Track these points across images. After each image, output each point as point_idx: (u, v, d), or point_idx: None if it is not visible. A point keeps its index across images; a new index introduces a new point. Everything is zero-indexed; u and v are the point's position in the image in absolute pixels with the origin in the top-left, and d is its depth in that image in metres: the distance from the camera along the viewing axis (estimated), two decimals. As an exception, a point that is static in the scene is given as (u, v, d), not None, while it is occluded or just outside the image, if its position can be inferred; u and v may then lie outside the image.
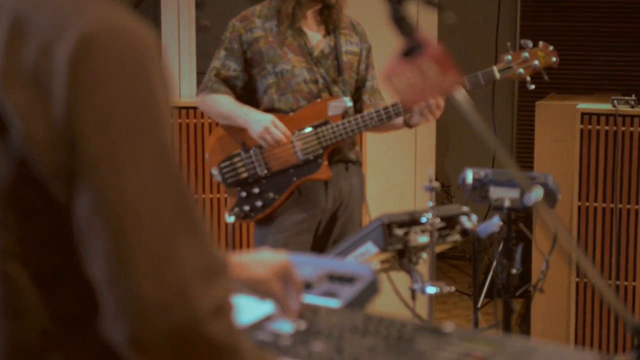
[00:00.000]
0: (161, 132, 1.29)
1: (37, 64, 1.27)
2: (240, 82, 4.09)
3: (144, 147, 1.27)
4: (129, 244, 1.25)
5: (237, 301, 2.04)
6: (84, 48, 1.26)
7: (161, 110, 1.29)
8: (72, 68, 1.26)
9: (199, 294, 1.27)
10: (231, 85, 4.09)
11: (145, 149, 1.27)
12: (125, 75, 1.26)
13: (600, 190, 5.05)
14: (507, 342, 1.72)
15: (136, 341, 1.25)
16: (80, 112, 1.26)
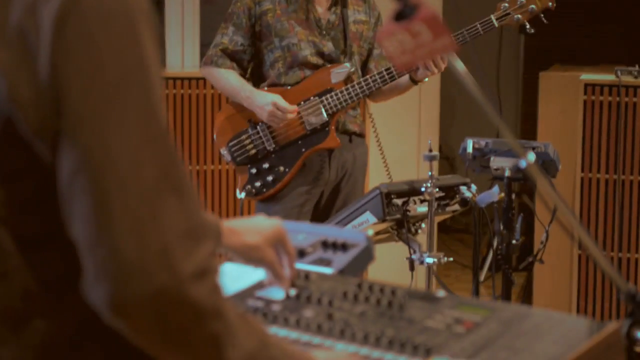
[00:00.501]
0: (148, 92, 1.27)
1: (23, 24, 1.26)
2: (247, 56, 4.08)
3: (129, 108, 1.26)
4: (110, 205, 1.24)
5: (228, 268, 2.04)
6: (69, 6, 1.24)
7: (149, 71, 1.27)
8: (57, 27, 1.24)
9: (182, 256, 1.25)
10: (238, 60, 4.07)
11: (131, 109, 1.26)
12: (113, 35, 1.25)
13: (603, 162, 5.03)
14: (498, 308, 1.71)
15: (116, 304, 1.23)
16: (65, 72, 1.24)
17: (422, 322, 1.71)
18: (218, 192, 5.21)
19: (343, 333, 1.72)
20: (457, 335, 1.66)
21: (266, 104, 3.93)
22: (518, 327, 1.65)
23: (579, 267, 5.07)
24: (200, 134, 5.17)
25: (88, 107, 1.24)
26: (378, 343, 1.67)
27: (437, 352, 1.62)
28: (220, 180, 5.20)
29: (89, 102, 1.25)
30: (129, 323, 1.25)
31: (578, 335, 1.60)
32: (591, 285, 5.07)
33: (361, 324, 1.74)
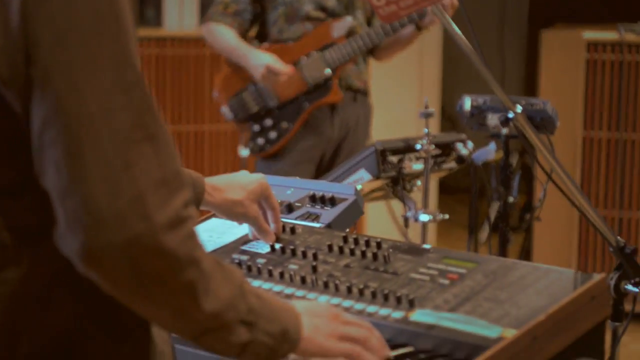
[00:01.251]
0: (121, 40, 1.24)
1: None
2: (248, 15, 4.04)
3: (102, 56, 1.23)
4: (83, 153, 1.22)
5: (213, 223, 2.02)
6: None
7: (122, 20, 1.25)
8: None
9: (156, 205, 1.23)
10: (238, 18, 4.03)
11: (104, 57, 1.23)
12: None
13: (605, 120, 4.99)
14: (483, 260, 1.69)
15: (89, 253, 1.22)
16: (37, 19, 1.22)
17: (406, 275, 1.70)
18: (217, 152, 5.20)
19: (327, 285, 1.71)
20: (441, 287, 1.64)
21: (260, 65, 3.90)
22: (502, 279, 1.63)
23: (580, 226, 5.05)
24: (198, 94, 5.14)
25: (60, 55, 1.22)
26: (361, 295, 1.66)
27: (420, 304, 1.61)
28: (219, 140, 5.18)
29: (61, 50, 1.22)
30: (102, 272, 1.24)
31: (562, 286, 1.58)
32: (592, 244, 5.05)
33: (345, 277, 1.72)
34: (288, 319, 1.41)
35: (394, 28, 3.86)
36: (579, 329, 1.55)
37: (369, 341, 1.48)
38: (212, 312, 1.30)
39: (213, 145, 5.20)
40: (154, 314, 1.31)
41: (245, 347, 1.36)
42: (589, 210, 1.71)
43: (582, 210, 1.70)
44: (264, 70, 3.88)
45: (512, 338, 1.47)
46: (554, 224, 5.10)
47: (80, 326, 1.32)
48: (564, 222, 5.10)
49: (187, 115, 5.15)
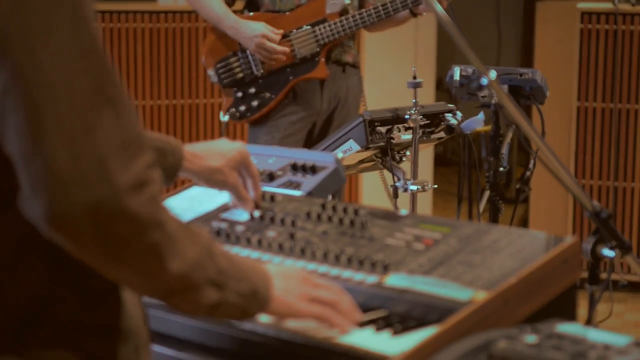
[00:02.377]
0: (78, 6, 1.25)
1: None
2: None
3: (59, 21, 1.24)
4: (43, 118, 1.23)
5: (194, 191, 2.03)
6: None
7: None
8: None
9: (118, 168, 1.24)
10: None
11: (61, 23, 1.24)
12: None
13: (600, 91, 4.99)
14: (459, 225, 1.70)
15: (53, 217, 1.23)
16: None
17: (382, 240, 1.71)
18: (211, 126, 5.20)
19: (304, 252, 1.72)
20: (416, 252, 1.65)
21: (255, 35, 3.89)
22: (477, 243, 1.64)
23: (575, 201, 5.05)
24: (192, 68, 5.14)
25: (17, 21, 1.23)
26: (337, 261, 1.67)
27: (394, 268, 1.62)
28: (212, 113, 5.18)
29: (18, 17, 1.23)
30: (66, 236, 1.25)
31: (535, 250, 1.59)
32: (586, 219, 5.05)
33: (322, 243, 1.74)
34: (258, 279, 1.42)
35: (386, 12, 3.85)
36: (551, 292, 1.56)
37: (340, 304, 1.49)
38: (179, 273, 1.32)
39: (207, 119, 5.20)
40: (121, 276, 1.32)
41: (215, 308, 1.37)
42: (564, 176, 1.72)
43: (557, 175, 1.71)
44: (260, 40, 3.87)
45: (483, 300, 1.48)
46: (549, 194, 5.11)
47: (50, 291, 1.33)
48: (559, 192, 5.10)
49: (182, 90, 5.15)
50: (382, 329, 1.49)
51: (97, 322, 1.36)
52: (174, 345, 1.62)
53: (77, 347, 1.35)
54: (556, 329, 1.49)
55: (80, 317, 1.35)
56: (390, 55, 5.60)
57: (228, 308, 1.39)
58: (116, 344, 1.37)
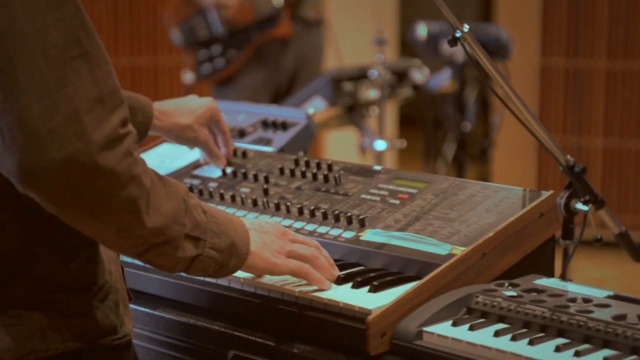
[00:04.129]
0: None
1: None
2: None
3: None
4: (16, 71, 1.20)
5: (165, 148, 2.00)
6: None
7: None
8: None
9: (92, 123, 1.22)
10: None
11: None
12: None
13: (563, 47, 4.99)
14: (434, 180, 1.69)
15: (26, 171, 1.20)
16: None
17: (357, 196, 1.69)
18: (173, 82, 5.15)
19: (278, 208, 1.70)
20: (392, 207, 1.64)
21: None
22: (453, 198, 1.63)
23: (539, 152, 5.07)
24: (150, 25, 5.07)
25: None
26: (312, 216, 1.66)
27: (370, 224, 1.61)
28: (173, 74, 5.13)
29: None
30: (40, 191, 1.23)
31: (511, 204, 1.58)
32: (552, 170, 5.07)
33: (296, 199, 1.72)
34: (235, 233, 1.41)
35: None
36: (528, 246, 1.56)
37: (317, 259, 1.48)
38: (155, 227, 1.30)
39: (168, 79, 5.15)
40: (97, 232, 1.30)
41: (191, 262, 1.36)
42: (538, 130, 1.71)
43: (531, 129, 1.70)
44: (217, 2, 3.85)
45: (461, 254, 1.48)
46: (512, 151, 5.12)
47: (26, 246, 1.31)
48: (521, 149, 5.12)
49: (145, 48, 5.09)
50: (360, 284, 1.48)
51: (73, 278, 1.34)
52: (149, 303, 1.61)
53: (55, 303, 1.32)
54: (534, 283, 1.49)
55: (56, 273, 1.33)
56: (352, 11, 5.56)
57: (205, 262, 1.37)
58: (94, 300, 1.35)
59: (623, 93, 4.95)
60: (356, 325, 1.40)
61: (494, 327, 1.37)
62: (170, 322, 1.57)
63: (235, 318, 1.53)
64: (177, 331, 1.57)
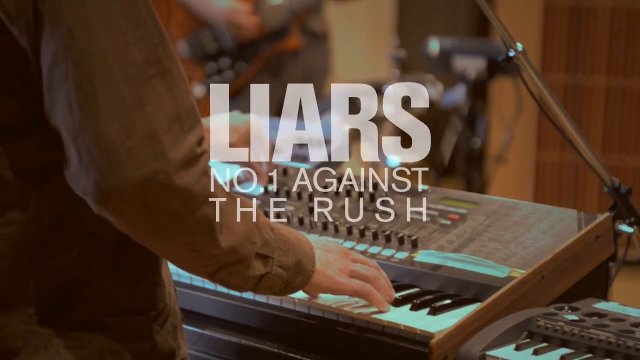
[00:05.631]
0: None
1: None
2: None
3: None
4: (95, 89, 1.17)
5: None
6: None
7: None
8: None
9: (170, 142, 1.20)
10: None
11: None
12: None
13: (563, 63, 5.00)
14: (483, 201, 1.68)
15: (104, 192, 1.18)
16: None
17: (406, 215, 1.68)
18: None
19: (326, 227, 1.69)
20: (444, 227, 1.63)
21: (224, 11, 3.84)
22: (505, 220, 1.62)
23: (536, 171, 5.07)
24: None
25: None
26: (362, 236, 1.64)
27: (423, 244, 1.60)
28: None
29: None
30: (117, 212, 1.20)
31: (566, 226, 1.58)
32: (548, 189, 5.08)
33: (344, 218, 1.70)
34: (302, 250, 1.39)
35: None
36: (584, 268, 1.55)
37: (378, 280, 1.46)
38: (229, 247, 1.28)
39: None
40: (170, 251, 1.28)
41: (260, 280, 1.34)
42: (584, 149, 1.70)
43: (577, 148, 1.69)
44: (229, 15, 3.82)
45: (521, 277, 1.46)
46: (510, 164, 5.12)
47: (89, 270, 1.29)
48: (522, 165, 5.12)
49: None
50: (419, 306, 1.46)
51: (135, 302, 1.32)
52: (198, 322, 1.59)
53: (116, 327, 1.30)
54: (594, 307, 1.48)
55: (119, 297, 1.30)
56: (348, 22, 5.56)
57: (272, 280, 1.35)
58: (154, 324, 1.33)
59: (622, 110, 4.96)
60: (417, 349, 1.38)
61: (558, 351, 1.36)
62: (220, 342, 1.55)
63: (288, 339, 1.51)
64: (227, 351, 1.55)
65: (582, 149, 1.74)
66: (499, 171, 5.25)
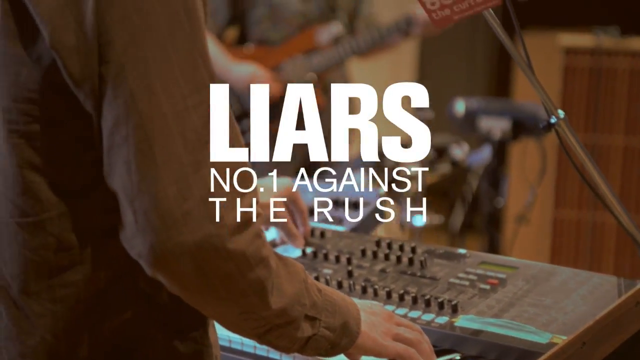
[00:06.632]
0: (194, 39, 1.23)
1: None
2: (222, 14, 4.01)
3: (175, 55, 1.22)
4: (154, 152, 1.20)
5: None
6: None
7: (195, 17, 1.23)
8: None
9: (226, 206, 1.22)
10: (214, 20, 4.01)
11: (177, 56, 1.22)
12: None
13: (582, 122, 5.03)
14: (522, 265, 1.70)
15: (158, 255, 1.20)
16: (110, 17, 1.20)
17: (445, 280, 1.69)
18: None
19: (365, 290, 1.70)
20: (483, 292, 1.64)
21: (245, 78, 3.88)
22: (545, 285, 1.63)
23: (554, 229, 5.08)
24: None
25: (133, 54, 1.20)
26: (402, 300, 1.66)
27: (463, 309, 1.61)
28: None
29: (135, 49, 1.20)
30: (170, 274, 1.22)
31: (606, 292, 1.59)
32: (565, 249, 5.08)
33: (382, 282, 1.72)
34: (348, 312, 1.40)
35: (382, 36, 3.86)
36: (624, 334, 1.55)
37: (422, 344, 1.47)
38: (279, 309, 1.30)
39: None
40: (220, 313, 1.29)
41: (307, 342, 1.35)
42: (621, 213, 1.72)
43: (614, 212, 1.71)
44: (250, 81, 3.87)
45: (563, 344, 1.47)
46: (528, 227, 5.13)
47: (141, 331, 1.30)
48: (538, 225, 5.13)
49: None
50: (461, 371, 1.47)
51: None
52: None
53: None
54: (637, 374, 1.49)
55: (170, 355, 1.32)
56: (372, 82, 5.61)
57: (318, 342, 1.37)
58: None
59: (640, 169, 4.98)
60: (461, 414, 1.39)
61: (602, 418, 1.36)
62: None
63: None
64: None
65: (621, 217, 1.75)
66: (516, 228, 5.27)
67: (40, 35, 1.22)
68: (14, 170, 1.26)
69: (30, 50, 1.23)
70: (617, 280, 1.61)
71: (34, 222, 1.26)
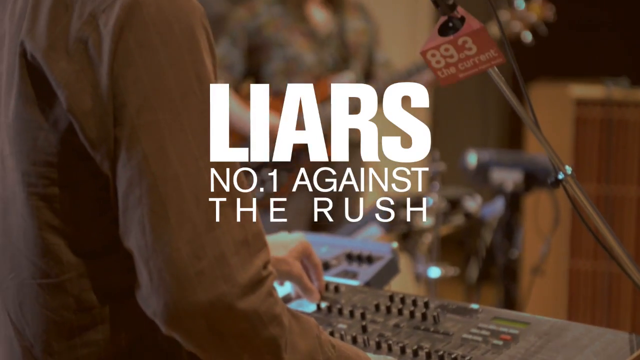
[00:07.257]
0: (206, 102, 1.26)
1: (82, 33, 1.25)
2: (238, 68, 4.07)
3: (187, 117, 1.25)
4: (168, 214, 1.23)
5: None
6: (128, 16, 1.24)
7: (206, 79, 1.27)
8: (117, 36, 1.23)
9: (238, 265, 1.25)
10: (226, 74, 4.07)
11: (189, 118, 1.25)
12: (172, 44, 1.24)
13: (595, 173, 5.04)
14: (534, 321, 1.71)
15: (173, 314, 1.22)
16: (125, 81, 1.24)
17: (458, 335, 1.71)
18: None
19: (379, 346, 1.71)
20: (496, 348, 1.65)
21: None
22: (557, 341, 1.64)
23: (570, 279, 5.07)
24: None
25: (146, 117, 1.24)
26: (416, 356, 1.67)
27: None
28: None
29: (148, 111, 1.24)
30: (185, 333, 1.24)
31: (619, 348, 1.60)
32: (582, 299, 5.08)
33: (396, 337, 1.73)
34: None
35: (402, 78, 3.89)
36: (637, 391, 1.56)
37: (434, 401, 1.49)
38: None
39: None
40: None
41: None
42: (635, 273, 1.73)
43: (627, 271, 1.72)
44: None
45: (576, 400, 1.48)
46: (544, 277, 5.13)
47: None
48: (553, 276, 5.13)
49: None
50: None
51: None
52: None
53: None
54: None
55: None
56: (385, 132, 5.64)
57: None
58: None
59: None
60: None
61: None
62: None
63: None
64: None
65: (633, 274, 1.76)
66: (532, 279, 5.27)
67: (57, 100, 1.26)
68: (34, 233, 1.29)
69: (47, 114, 1.27)
70: (629, 337, 1.62)
71: (55, 283, 1.29)
